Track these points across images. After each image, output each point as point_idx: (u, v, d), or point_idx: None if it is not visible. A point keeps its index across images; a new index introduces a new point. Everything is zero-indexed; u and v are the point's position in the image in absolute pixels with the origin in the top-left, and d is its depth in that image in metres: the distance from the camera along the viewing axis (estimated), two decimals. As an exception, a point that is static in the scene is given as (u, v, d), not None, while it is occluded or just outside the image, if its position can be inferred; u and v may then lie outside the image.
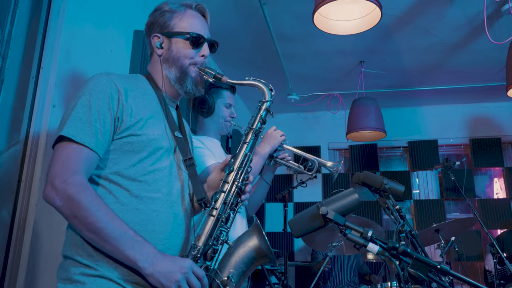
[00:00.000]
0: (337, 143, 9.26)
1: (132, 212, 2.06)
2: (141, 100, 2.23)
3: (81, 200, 1.87)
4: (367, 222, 5.47)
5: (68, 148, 1.97)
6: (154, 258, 1.92)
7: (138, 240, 1.93)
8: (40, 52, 3.26)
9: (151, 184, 2.14)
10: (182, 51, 2.37)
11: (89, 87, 2.11)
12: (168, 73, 2.39)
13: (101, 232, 1.87)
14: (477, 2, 5.10)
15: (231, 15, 2.59)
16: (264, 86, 2.42)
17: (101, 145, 2.04)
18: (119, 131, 2.11)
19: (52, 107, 3.16)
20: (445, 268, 1.74)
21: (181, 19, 2.40)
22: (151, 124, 2.20)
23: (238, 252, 2.21)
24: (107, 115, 2.06)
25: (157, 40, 2.41)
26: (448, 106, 8.97)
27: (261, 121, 2.40)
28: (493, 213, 8.25)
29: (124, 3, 4.13)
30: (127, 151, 2.12)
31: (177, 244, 2.22)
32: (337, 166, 3.57)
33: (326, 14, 3.80)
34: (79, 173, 1.94)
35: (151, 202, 2.12)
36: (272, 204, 8.71)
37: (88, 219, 1.87)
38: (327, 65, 7.20)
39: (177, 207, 2.24)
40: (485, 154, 8.62)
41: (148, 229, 2.08)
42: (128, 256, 1.89)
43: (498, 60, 6.58)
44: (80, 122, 2.00)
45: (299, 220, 2.02)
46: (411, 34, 6.09)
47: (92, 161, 2.02)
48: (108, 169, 2.11)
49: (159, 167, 2.19)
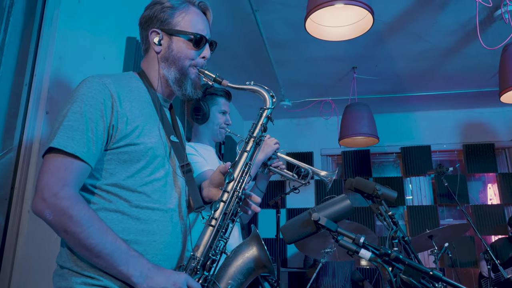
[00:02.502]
0: (330, 149, 9.26)
1: (133, 221, 2.03)
2: (135, 104, 2.13)
3: (73, 215, 1.81)
4: (360, 228, 5.47)
5: (58, 158, 1.89)
6: (148, 272, 1.89)
7: (131, 255, 1.90)
8: (33, 59, 3.26)
9: (150, 195, 2.09)
10: (184, 51, 2.29)
11: (81, 92, 2.02)
12: (166, 73, 2.29)
13: (93, 248, 1.82)
14: (470, 8, 5.13)
15: (224, 21, 2.59)
16: (266, 92, 2.38)
17: (92, 155, 1.95)
18: (115, 140, 2.03)
19: (45, 113, 3.16)
20: (437, 274, 1.74)
21: (184, 17, 2.31)
22: (147, 131, 2.12)
23: (236, 262, 2.16)
24: (99, 123, 1.97)
25: (156, 36, 2.29)
26: (441, 112, 9.00)
27: (262, 128, 2.34)
28: (487, 219, 8.26)
29: (117, 10, 4.14)
30: (124, 161, 2.05)
31: (176, 254, 2.20)
32: (331, 176, 3.57)
33: (318, 21, 3.80)
34: (70, 185, 1.87)
35: (151, 212, 2.08)
36: (265, 210, 8.68)
37: (80, 235, 1.81)
38: (319, 71, 7.22)
39: (175, 217, 2.21)
40: (479, 160, 8.63)
41: (149, 239, 2.05)
42: (121, 272, 1.86)
43: (491, 66, 6.61)
44: (71, 130, 1.91)
45: (291, 226, 2.01)
46: (404, 40, 6.11)
47: (83, 172, 1.94)
48: (104, 179, 2.04)
49: (157, 177, 2.15)
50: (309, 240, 5.21)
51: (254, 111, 7.66)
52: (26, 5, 3.36)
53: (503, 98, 4.64)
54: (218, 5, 5.05)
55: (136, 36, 4.24)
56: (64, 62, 3.39)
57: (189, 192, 2.35)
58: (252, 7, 5.16)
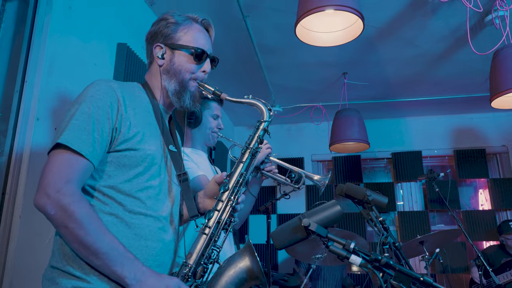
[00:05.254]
0: (321, 155, 9.24)
1: (127, 225, 2.05)
2: (138, 111, 2.19)
3: (74, 212, 1.84)
4: (350, 234, 5.46)
5: (64, 156, 1.93)
6: (142, 275, 1.91)
7: (127, 257, 1.92)
8: (24, 65, 3.27)
9: (144, 202, 2.12)
10: (185, 64, 2.36)
11: (90, 94, 2.07)
12: (167, 85, 2.36)
13: (90, 246, 1.85)
14: (460, 13, 5.13)
15: (214, 28, 2.62)
16: (263, 106, 2.43)
17: (97, 155, 2.00)
18: (117, 142, 2.08)
19: (36, 120, 3.17)
20: (428, 280, 1.75)
21: (187, 32, 2.39)
22: (148, 138, 2.17)
23: (229, 272, 2.16)
24: (105, 125, 2.03)
25: (159, 50, 2.37)
26: (432, 117, 9.00)
27: (259, 140, 2.40)
28: (478, 225, 8.26)
29: (108, 16, 4.15)
30: (123, 165, 2.10)
31: (167, 260, 2.23)
32: (324, 180, 3.56)
33: (309, 26, 3.81)
34: (73, 182, 1.91)
35: (143, 218, 2.11)
36: (255, 216, 8.67)
37: (78, 231, 1.84)
38: (310, 77, 7.21)
39: (167, 224, 2.23)
40: (470, 165, 8.63)
41: (141, 244, 2.07)
42: (116, 272, 1.87)
43: (481, 71, 6.60)
44: (78, 130, 1.96)
45: (282, 232, 2.01)
46: (394, 45, 6.11)
47: (87, 170, 1.98)
48: (103, 181, 2.08)
49: (153, 184, 2.18)
50: (300, 245, 5.21)
51: (244, 117, 7.64)
52: (17, 11, 3.36)
53: (494, 104, 4.64)
54: (209, 11, 5.04)
55: (126, 42, 4.25)
56: (55, 68, 3.40)
57: (185, 200, 2.39)
58: (243, 13, 5.17)
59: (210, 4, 5.14)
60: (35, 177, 3.10)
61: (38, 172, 3.06)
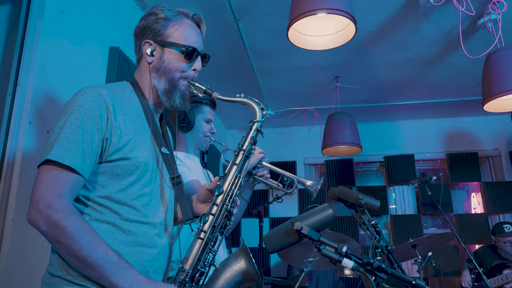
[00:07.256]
0: (313, 158, 9.26)
1: (124, 233, 2.04)
2: (128, 117, 2.13)
3: (65, 227, 1.81)
4: (343, 238, 5.46)
5: (54, 171, 1.89)
6: (138, 284, 1.90)
7: (122, 267, 1.91)
8: (17, 69, 3.26)
9: (139, 210, 2.10)
10: (175, 63, 2.30)
11: (78, 103, 2.00)
12: (157, 83, 2.30)
13: (85, 259, 1.83)
14: (453, 17, 5.14)
15: (207, 31, 2.59)
16: (256, 104, 2.39)
17: (87, 168, 1.96)
18: (108, 153, 2.04)
19: (28, 123, 3.16)
20: (420, 283, 1.75)
21: (177, 29, 2.32)
22: (139, 144, 2.13)
23: (225, 275, 2.16)
24: (95, 136, 1.98)
25: (148, 47, 2.30)
26: (424, 121, 9.04)
27: (252, 141, 2.35)
28: (470, 228, 8.29)
29: (100, 20, 4.15)
30: (116, 175, 2.07)
31: (163, 265, 2.22)
32: (316, 185, 3.56)
33: (301, 30, 3.81)
34: (64, 196, 1.87)
35: (140, 225, 2.09)
36: (247, 219, 8.68)
37: (72, 246, 1.82)
38: (302, 80, 7.21)
39: (162, 230, 2.22)
40: (462, 168, 8.66)
41: (138, 250, 2.07)
42: (112, 283, 1.87)
43: (474, 74, 6.63)
44: (68, 142, 1.92)
45: (274, 236, 2.00)
46: (386, 48, 6.12)
47: (77, 184, 1.95)
48: (97, 191, 2.05)
49: (147, 191, 2.16)
50: (292, 249, 5.21)
51: (237, 121, 7.64)
52: (10, 15, 3.36)
53: (487, 107, 4.64)
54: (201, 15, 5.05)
55: (119, 46, 4.25)
56: (47, 72, 3.39)
57: (179, 204, 2.36)
58: (235, 17, 5.17)
59: (202, 8, 5.09)
60: (27, 180, 3.10)
61: (30, 175, 3.06)
